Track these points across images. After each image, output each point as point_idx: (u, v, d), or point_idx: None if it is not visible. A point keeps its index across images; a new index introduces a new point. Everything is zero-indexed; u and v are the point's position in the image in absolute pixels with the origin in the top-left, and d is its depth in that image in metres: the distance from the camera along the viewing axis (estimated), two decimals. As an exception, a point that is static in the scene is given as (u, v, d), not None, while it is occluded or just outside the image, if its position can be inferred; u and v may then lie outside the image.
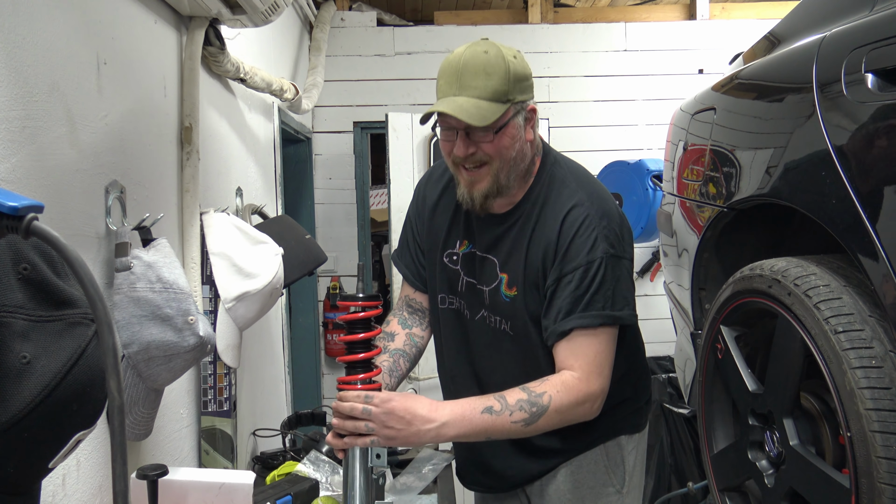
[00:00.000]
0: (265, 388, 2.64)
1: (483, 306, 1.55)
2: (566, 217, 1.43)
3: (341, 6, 4.16)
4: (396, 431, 1.34)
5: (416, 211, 1.69)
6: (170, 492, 1.37)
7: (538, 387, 1.40)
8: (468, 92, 1.37)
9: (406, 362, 1.63)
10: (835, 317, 1.08)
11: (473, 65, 1.37)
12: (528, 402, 1.38)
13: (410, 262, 1.70)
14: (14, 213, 0.69)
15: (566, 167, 1.53)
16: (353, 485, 1.41)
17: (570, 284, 1.41)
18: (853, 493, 1.03)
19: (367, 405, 1.33)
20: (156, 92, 1.63)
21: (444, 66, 1.41)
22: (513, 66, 1.39)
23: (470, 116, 1.36)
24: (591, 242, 1.41)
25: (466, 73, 1.37)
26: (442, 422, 1.35)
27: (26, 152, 1.08)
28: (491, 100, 1.37)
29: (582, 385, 1.40)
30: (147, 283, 1.31)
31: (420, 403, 1.36)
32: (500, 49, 1.40)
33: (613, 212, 1.47)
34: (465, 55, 1.38)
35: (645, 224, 3.66)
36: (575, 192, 1.47)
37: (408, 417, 1.34)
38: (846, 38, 1.20)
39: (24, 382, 0.74)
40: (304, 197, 4.01)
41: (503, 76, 1.37)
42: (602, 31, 4.22)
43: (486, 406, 1.38)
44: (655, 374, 3.48)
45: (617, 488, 1.59)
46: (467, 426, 1.37)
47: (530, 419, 1.38)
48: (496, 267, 1.51)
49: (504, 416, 1.37)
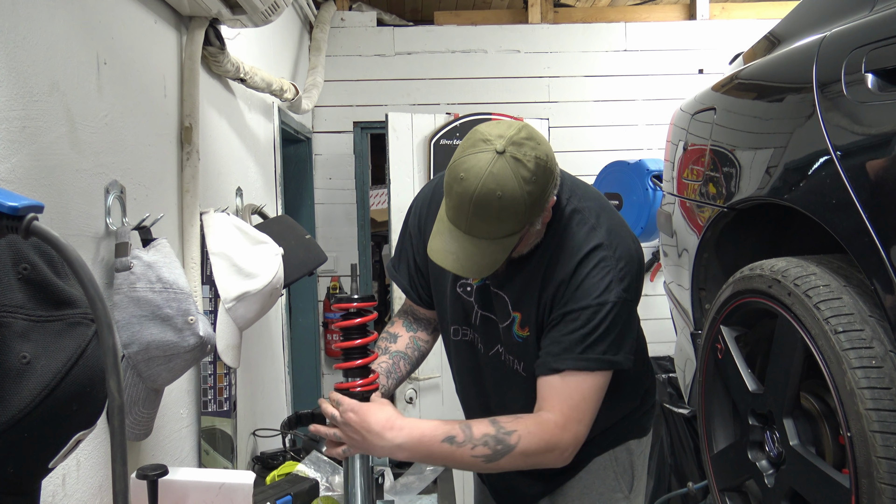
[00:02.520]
0: (265, 388, 2.64)
1: (499, 342, 1.50)
2: (585, 257, 1.36)
3: (341, 6, 4.16)
4: (354, 441, 1.35)
5: (418, 230, 1.59)
6: (170, 492, 1.37)
7: (509, 424, 1.33)
8: (477, 234, 1.25)
9: (406, 365, 1.62)
10: (835, 317, 1.08)
11: (485, 211, 1.22)
12: (494, 438, 1.31)
13: (410, 278, 1.63)
14: (14, 213, 0.70)
15: (584, 199, 1.43)
16: (354, 485, 1.41)
17: (575, 322, 1.34)
18: (853, 493, 1.03)
19: (335, 412, 1.35)
20: (156, 92, 1.63)
21: (455, 191, 1.24)
22: (530, 198, 1.23)
23: (478, 271, 1.27)
24: (605, 284, 1.33)
25: (477, 216, 1.23)
26: (396, 444, 1.32)
27: (26, 152, 1.08)
28: (504, 237, 1.27)
29: (556, 431, 1.32)
30: (147, 283, 1.31)
31: (375, 418, 1.32)
32: (517, 179, 1.21)
33: (632, 252, 1.39)
34: (477, 193, 1.21)
35: (645, 224, 3.66)
36: (595, 228, 1.38)
37: (362, 431, 1.32)
38: (846, 38, 1.20)
39: (24, 382, 0.74)
40: (304, 197, 4.01)
41: (519, 217, 1.24)
42: (602, 31, 4.22)
43: (449, 435, 1.32)
44: (655, 375, 3.48)
45: (625, 493, 1.57)
46: (423, 452, 1.33)
47: (493, 456, 1.31)
48: (508, 305, 1.45)
49: (465, 448, 1.31)
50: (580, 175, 1.60)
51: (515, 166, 1.21)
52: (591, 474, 1.56)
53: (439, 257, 1.29)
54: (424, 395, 3.55)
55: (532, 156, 1.23)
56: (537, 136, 1.27)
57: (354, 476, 1.41)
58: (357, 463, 1.41)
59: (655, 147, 4.10)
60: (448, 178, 1.26)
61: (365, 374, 1.41)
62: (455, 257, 1.28)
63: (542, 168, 1.24)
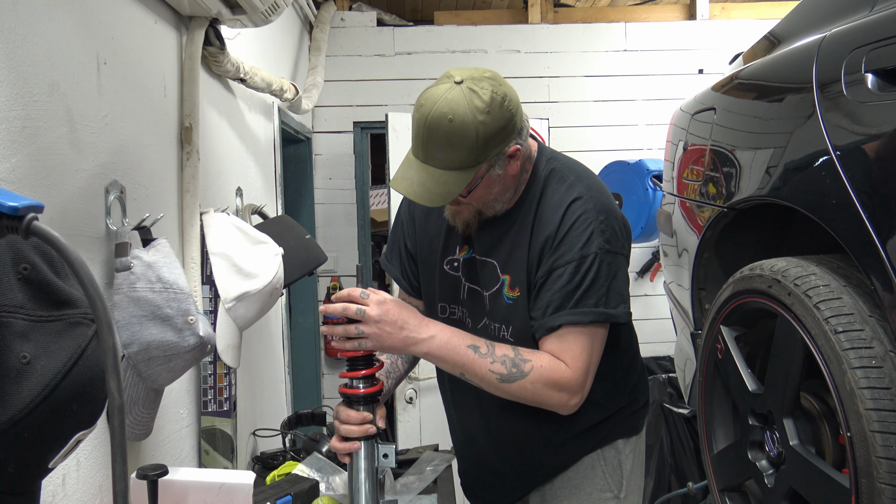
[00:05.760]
0: (265, 388, 2.64)
1: (484, 313, 1.52)
2: (567, 210, 1.40)
3: (341, 6, 4.16)
4: (387, 335, 1.33)
5: (409, 214, 1.64)
6: (170, 492, 1.37)
7: (527, 353, 1.38)
8: (432, 161, 1.31)
9: (404, 363, 1.63)
10: (835, 317, 1.08)
11: (437, 135, 1.28)
12: (511, 360, 1.36)
13: (402, 268, 1.66)
14: (14, 213, 0.70)
15: (562, 162, 1.49)
16: (359, 486, 1.41)
17: (561, 278, 1.37)
18: (853, 493, 1.03)
19: (362, 305, 1.33)
20: (156, 92, 1.63)
21: (415, 118, 1.32)
22: (483, 128, 1.28)
23: (430, 198, 1.32)
24: (586, 237, 1.37)
25: (430, 141, 1.29)
26: (430, 335, 1.36)
27: (26, 152, 1.08)
28: (457, 169, 1.31)
29: (566, 374, 1.37)
30: (147, 283, 1.31)
31: (413, 312, 1.37)
32: (470, 107, 1.26)
33: (612, 207, 1.44)
34: (430, 116, 1.28)
35: (645, 224, 3.66)
36: (574, 185, 1.43)
37: (400, 322, 1.34)
38: (846, 38, 1.20)
39: (24, 382, 0.74)
40: (304, 197, 4.01)
41: (470, 146, 1.28)
42: (602, 31, 4.22)
43: (474, 344, 1.37)
44: (655, 374, 3.48)
45: (615, 493, 1.57)
46: (450, 352, 1.36)
47: (507, 377, 1.36)
48: (497, 269, 1.48)
49: (485, 361, 1.36)
50: (580, 175, 1.61)
51: (469, 95, 1.27)
52: (578, 473, 1.56)
53: (399, 185, 1.34)
54: (424, 394, 3.55)
55: (489, 90, 1.28)
56: (502, 81, 1.33)
57: (360, 477, 1.41)
58: (363, 464, 1.41)
59: (655, 147, 4.10)
60: (413, 110, 1.34)
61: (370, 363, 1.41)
62: (410, 183, 1.33)
63: (497, 104, 1.29)
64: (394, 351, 1.39)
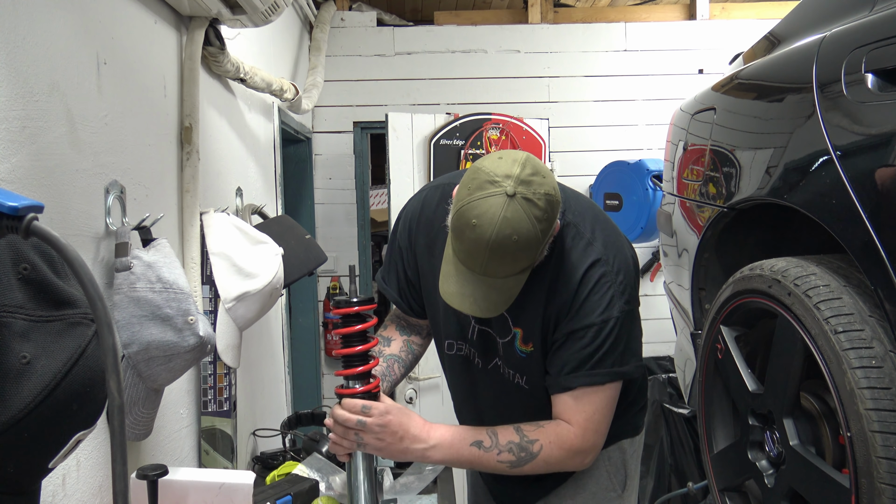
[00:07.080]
0: (265, 388, 2.64)
1: (497, 355, 1.50)
2: (586, 274, 1.36)
3: (341, 6, 4.16)
4: (386, 444, 1.36)
5: (409, 244, 1.57)
6: (170, 492, 1.37)
7: (532, 432, 1.39)
8: (493, 274, 1.25)
9: (401, 368, 1.61)
10: (835, 317, 1.08)
11: (501, 253, 1.21)
12: (518, 445, 1.38)
13: (400, 290, 1.61)
14: (14, 213, 0.70)
15: (575, 211, 1.43)
16: (358, 485, 1.41)
17: (581, 340, 1.36)
18: (853, 493, 1.03)
19: (363, 417, 1.35)
20: (156, 92, 1.63)
21: (468, 237, 1.21)
22: (542, 233, 1.23)
23: (496, 308, 1.28)
24: (606, 301, 1.35)
25: (493, 260, 1.22)
26: (431, 444, 1.38)
27: (26, 152, 1.08)
28: (519, 273, 1.27)
29: (577, 441, 1.39)
30: (147, 283, 1.31)
31: (414, 422, 1.38)
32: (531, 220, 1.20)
33: (627, 259, 1.42)
34: (493, 239, 1.19)
35: (645, 224, 3.66)
36: (592, 244, 1.39)
37: (400, 433, 1.36)
38: (846, 38, 1.20)
39: (24, 382, 0.74)
40: (304, 197, 4.02)
41: (533, 251, 1.24)
42: (602, 31, 4.22)
43: (477, 440, 1.39)
44: (655, 374, 3.48)
45: (618, 492, 1.58)
46: (454, 455, 1.39)
47: (517, 463, 1.38)
48: (508, 321, 1.45)
49: (492, 454, 1.38)
50: (580, 175, 1.61)
51: (528, 208, 1.20)
52: (584, 474, 1.57)
53: (455, 301, 1.28)
54: (424, 394, 3.56)
55: (542, 193, 1.21)
56: (541, 168, 1.25)
57: (358, 477, 1.41)
58: (361, 464, 1.41)
59: (655, 147, 4.10)
60: (458, 222, 1.22)
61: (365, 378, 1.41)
62: (473, 300, 1.27)
63: (551, 203, 1.23)
64: (394, 458, 1.41)
